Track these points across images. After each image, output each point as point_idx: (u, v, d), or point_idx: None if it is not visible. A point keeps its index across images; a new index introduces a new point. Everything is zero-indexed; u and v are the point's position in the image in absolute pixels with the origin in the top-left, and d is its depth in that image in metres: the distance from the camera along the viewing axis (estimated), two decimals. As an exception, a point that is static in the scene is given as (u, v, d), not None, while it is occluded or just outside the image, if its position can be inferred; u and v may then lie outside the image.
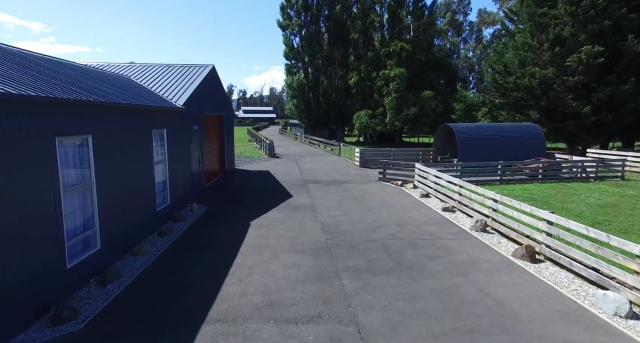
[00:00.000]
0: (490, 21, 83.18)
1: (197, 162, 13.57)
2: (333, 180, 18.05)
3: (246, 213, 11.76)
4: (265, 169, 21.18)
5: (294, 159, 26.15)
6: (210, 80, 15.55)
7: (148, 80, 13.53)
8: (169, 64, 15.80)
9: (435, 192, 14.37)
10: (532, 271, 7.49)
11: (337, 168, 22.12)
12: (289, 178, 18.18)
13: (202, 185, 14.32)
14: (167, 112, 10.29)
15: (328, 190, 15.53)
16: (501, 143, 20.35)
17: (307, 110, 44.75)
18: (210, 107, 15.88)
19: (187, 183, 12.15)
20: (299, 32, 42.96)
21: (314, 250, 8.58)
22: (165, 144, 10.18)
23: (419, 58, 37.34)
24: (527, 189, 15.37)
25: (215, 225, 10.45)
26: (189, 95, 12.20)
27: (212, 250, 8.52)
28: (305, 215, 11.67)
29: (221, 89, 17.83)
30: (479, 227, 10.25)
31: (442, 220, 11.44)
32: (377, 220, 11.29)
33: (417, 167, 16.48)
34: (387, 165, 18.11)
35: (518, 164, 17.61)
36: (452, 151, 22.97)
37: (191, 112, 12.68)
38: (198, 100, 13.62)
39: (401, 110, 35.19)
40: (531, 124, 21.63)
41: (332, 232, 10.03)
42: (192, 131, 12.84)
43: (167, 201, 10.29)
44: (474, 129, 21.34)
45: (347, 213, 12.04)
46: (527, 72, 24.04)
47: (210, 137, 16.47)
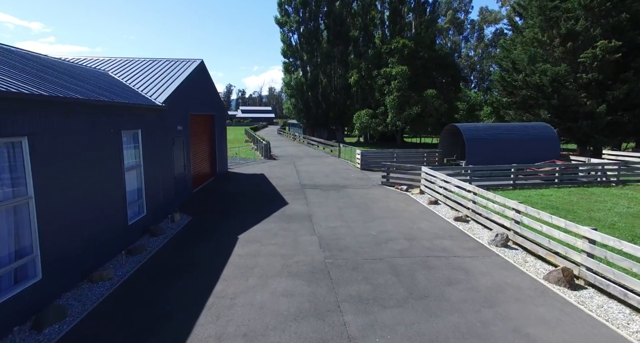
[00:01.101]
0: (492, 19, 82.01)
1: (181, 165, 12.25)
2: (332, 184, 16.74)
3: (235, 224, 10.45)
4: (260, 172, 19.87)
5: (291, 161, 24.84)
6: (198, 77, 14.24)
7: (128, 75, 12.23)
8: (154, 59, 14.48)
9: (445, 198, 13.07)
10: (574, 301, 6.18)
11: (336, 171, 20.82)
12: (285, 183, 16.87)
13: (188, 191, 13.01)
14: (142, 110, 8.98)
15: (327, 196, 14.22)
16: (512, 144, 19.08)
17: (306, 109, 43.43)
18: (199, 106, 14.57)
19: (169, 190, 10.83)
20: (297, 29, 41.65)
21: (310, 273, 7.27)
22: (141, 146, 8.87)
23: (422, 55, 36.06)
24: (544, 195, 14.07)
25: (197, 240, 9.12)
26: (171, 92, 10.89)
27: (189, 273, 7.20)
28: (302, 226, 10.36)
29: (211, 86, 16.53)
30: (499, 242, 8.95)
31: (455, 232, 10.14)
32: (382, 232, 9.99)
33: (423, 170, 15.19)
34: (390, 169, 16.81)
35: (533, 167, 16.31)
36: (458, 153, 21.69)
37: (174, 111, 11.37)
38: (183, 98, 12.32)
39: (403, 109, 33.90)
40: (543, 124, 20.34)
41: (332, 248, 8.72)
42: (175, 132, 11.53)
43: (142, 212, 8.98)
44: (483, 129, 20.05)
45: (349, 224, 10.73)
46: (538, 69, 22.77)
47: (199, 137, 15.16)
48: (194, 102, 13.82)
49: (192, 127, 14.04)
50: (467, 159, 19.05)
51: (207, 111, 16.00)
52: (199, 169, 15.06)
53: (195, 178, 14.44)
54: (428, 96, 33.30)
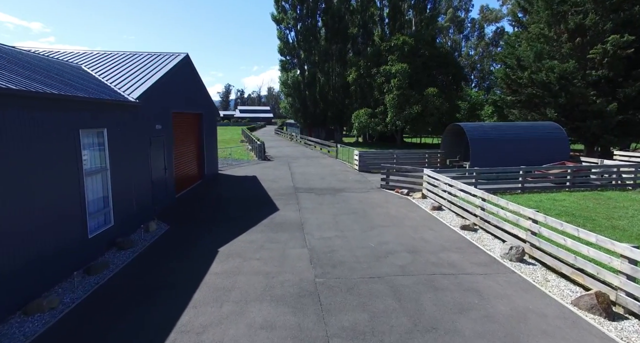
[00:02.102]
0: (493, 18, 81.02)
1: (161, 168, 11.16)
2: (328, 187, 15.66)
3: (217, 234, 9.36)
4: (252, 174, 18.78)
5: (286, 162, 23.75)
6: (182, 72, 13.15)
7: (103, 69, 11.14)
8: (135, 52, 13.39)
9: (450, 204, 12.01)
10: (615, 335, 5.11)
11: (333, 172, 19.74)
12: (278, 186, 15.78)
13: (169, 196, 11.92)
14: (109, 106, 7.89)
15: (322, 201, 13.15)
16: (518, 145, 18.01)
17: (303, 109, 42.35)
18: (183, 103, 13.48)
19: (145, 196, 9.74)
20: (294, 26, 40.56)
21: (297, 297, 6.19)
22: (107, 147, 7.78)
23: (422, 53, 34.99)
24: (556, 200, 13.00)
25: (171, 254, 8.03)
26: (147, 88, 9.80)
27: (152, 298, 6.10)
28: (291, 237, 9.28)
29: (199, 82, 15.44)
30: (514, 256, 7.88)
31: (463, 243, 9.07)
32: (382, 243, 8.91)
33: (426, 173, 14.12)
34: (390, 171, 15.73)
35: (542, 169, 15.25)
36: (462, 154, 20.63)
37: (152, 108, 10.29)
38: (163, 94, 11.23)
39: (403, 108, 32.83)
40: (552, 124, 19.29)
41: (324, 263, 7.64)
42: (153, 131, 10.44)
43: (109, 222, 7.89)
44: (488, 128, 18.99)
45: (344, 233, 9.65)
46: (544, 65, 21.71)
47: (184, 137, 14.07)
48: (177, 99, 12.73)
49: (176, 126, 12.95)
50: (471, 161, 17.98)
51: (194, 109, 14.91)
52: (184, 172, 13.97)
53: (180, 181, 13.35)
54: (429, 95, 32.24)
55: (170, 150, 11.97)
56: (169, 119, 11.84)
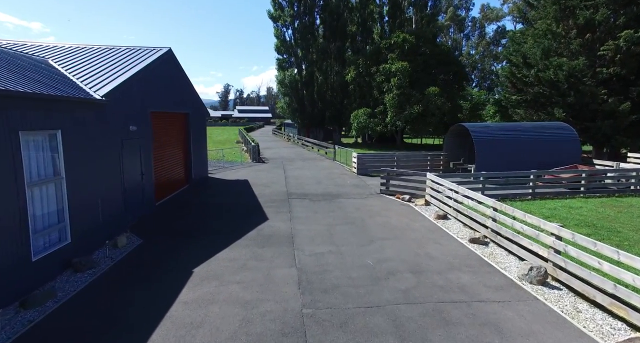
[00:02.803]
0: (494, 17, 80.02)
1: (137, 173, 10.07)
2: (324, 193, 14.56)
3: (195, 250, 8.26)
4: (244, 178, 17.69)
5: (281, 164, 22.65)
6: (163, 68, 12.06)
7: (72, 64, 10.04)
8: (112, 47, 12.30)
9: (456, 212, 10.92)
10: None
11: (330, 176, 18.65)
12: (270, 191, 14.68)
13: (148, 204, 10.82)
14: (64, 104, 6.78)
15: (316, 209, 12.05)
16: (527, 147, 16.93)
17: (301, 108, 41.25)
18: (165, 102, 12.39)
19: (114, 206, 8.64)
20: (292, 23, 39.46)
21: (279, 335, 5.09)
22: (62, 152, 6.67)
23: (423, 51, 33.89)
24: (572, 207, 11.92)
25: (137, 276, 6.91)
26: (117, 84, 8.70)
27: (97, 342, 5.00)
28: (279, 253, 8.18)
29: (184, 80, 14.34)
30: (534, 277, 6.78)
31: (473, 259, 7.98)
32: (382, 261, 7.82)
33: (429, 177, 13.04)
34: (391, 175, 14.64)
35: (554, 174, 14.17)
36: (466, 156, 19.55)
37: (124, 107, 9.19)
38: (139, 92, 10.14)
39: (403, 108, 31.73)
40: (562, 124, 18.21)
41: (315, 287, 6.55)
42: (126, 133, 9.34)
43: (64, 239, 6.79)
44: (494, 129, 17.91)
45: (339, 248, 8.56)
46: (552, 63, 20.62)
47: (168, 139, 12.98)
48: (158, 97, 11.64)
49: (157, 127, 11.86)
50: (476, 163, 16.90)
51: (179, 109, 13.82)
52: (166, 176, 12.87)
53: (161, 187, 12.25)
54: (430, 94, 31.14)
55: (149, 154, 10.87)
56: (147, 119, 10.75)
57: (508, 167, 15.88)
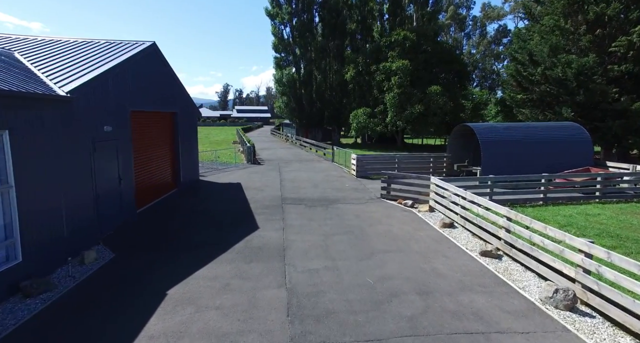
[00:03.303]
0: (495, 16, 79.17)
1: (113, 178, 9.14)
2: (321, 197, 13.64)
3: (174, 266, 7.33)
4: (237, 181, 16.76)
5: (277, 166, 21.73)
6: (146, 64, 11.13)
7: (41, 58, 9.11)
8: (90, 40, 11.36)
9: (464, 220, 10.01)
10: None
11: (328, 179, 17.72)
12: (263, 196, 13.76)
13: (127, 211, 9.89)
14: (14, 100, 5.85)
15: (312, 216, 11.13)
16: (536, 148, 16.03)
17: (299, 108, 40.32)
18: (149, 100, 11.47)
19: (82, 216, 7.72)
20: (290, 21, 38.53)
21: (258, 383, 4.17)
22: (9, 156, 5.74)
23: (425, 49, 32.96)
24: (589, 214, 11.00)
25: (101, 301, 5.97)
26: (87, 80, 7.78)
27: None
28: (268, 269, 7.25)
29: (171, 77, 13.40)
30: (560, 301, 5.86)
31: (487, 277, 7.07)
32: (384, 279, 6.91)
33: (433, 181, 12.14)
34: (392, 178, 13.71)
35: (569, 178, 13.26)
36: (471, 157, 18.65)
37: (97, 105, 8.27)
38: (116, 89, 9.21)
39: (404, 108, 30.82)
40: (573, 124, 17.31)
41: (306, 314, 5.63)
42: (99, 133, 8.41)
43: (13, 258, 5.86)
44: (501, 129, 17.00)
45: (336, 263, 7.64)
46: (560, 60, 19.70)
47: (152, 140, 12.06)
48: (140, 95, 10.71)
49: (138, 127, 10.94)
50: (482, 166, 15.99)
51: (165, 107, 12.89)
52: (151, 180, 11.95)
53: (144, 192, 11.33)
54: (431, 93, 30.22)
55: (129, 156, 9.94)
56: (127, 119, 9.82)
57: (516, 170, 15.00)
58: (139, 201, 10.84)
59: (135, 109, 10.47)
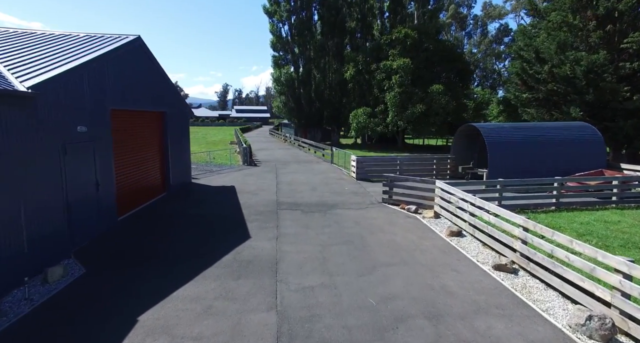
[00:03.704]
0: (496, 15, 78.37)
1: (91, 184, 8.32)
2: (319, 202, 12.82)
3: (150, 285, 6.51)
4: (231, 184, 15.94)
5: (274, 168, 20.91)
6: (130, 59, 10.31)
7: (9, 51, 8.28)
8: (68, 33, 10.52)
9: (473, 228, 9.21)
10: None
11: (327, 181, 16.91)
12: (258, 200, 12.94)
13: (107, 219, 9.07)
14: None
15: (308, 223, 10.32)
16: (546, 149, 15.22)
17: (297, 108, 39.50)
18: (134, 99, 10.65)
19: (50, 228, 6.90)
20: (288, 19, 37.72)
21: None
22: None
23: (426, 47, 32.14)
24: (608, 221, 10.19)
25: (57, 332, 5.11)
26: (55, 75, 6.96)
27: None
28: (257, 288, 6.43)
29: (160, 74, 12.58)
30: (596, 331, 5.06)
31: (504, 297, 6.26)
32: (387, 299, 6.10)
33: (438, 185, 11.33)
34: (394, 182, 12.89)
35: (583, 181, 12.46)
36: (476, 159, 17.83)
37: (67, 103, 7.45)
38: (93, 86, 8.39)
39: (405, 107, 30.01)
40: (584, 124, 16.51)
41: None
42: (71, 135, 7.59)
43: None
44: (509, 130, 16.19)
45: (334, 279, 6.83)
46: (569, 58, 18.89)
47: (137, 142, 11.24)
48: (123, 93, 9.89)
49: (122, 127, 10.13)
50: (489, 168, 15.19)
51: (152, 107, 12.08)
52: (135, 185, 11.12)
53: (128, 198, 10.51)
54: (433, 92, 29.41)
55: (108, 159, 9.12)
56: (106, 119, 9.00)
57: (524, 172, 14.21)
58: (122, 207, 10.02)
59: (117, 107, 9.65)
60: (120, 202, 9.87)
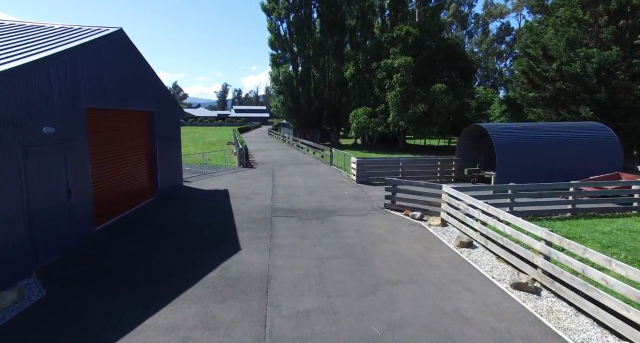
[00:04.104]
0: (498, 13, 77.52)
1: (61, 192, 7.47)
2: (317, 208, 11.97)
3: (118, 310, 5.64)
4: (224, 187, 15.08)
5: (271, 170, 20.05)
6: (109, 53, 9.44)
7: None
8: (43, 24, 9.66)
9: (485, 239, 8.37)
10: None
11: (325, 185, 16.05)
12: (251, 206, 12.08)
13: (80, 231, 8.21)
14: None
15: (305, 232, 9.46)
16: (557, 151, 14.38)
17: (296, 107, 38.63)
18: (115, 97, 9.79)
19: (6, 245, 6.02)
20: (287, 16, 36.85)
21: None
22: None
23: (429, 45, 31.28)
24: (633, 231, 9.34)
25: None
26: (11, 68, 6.09)
27: None
28: (244, 314, 5.57)
29: (145, 71, 11.71)
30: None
31: (529, 323, 5.41)
32: (394, 326, 5.25)
33: (445, 190, 10.47)
34: (397, 187, 12.03)
35: (603, 185, 11.61)
36: (482, 161, 16.98)
37: (31, 101, 6.58)
38: (64, 81, 7.54)
39: (407, 107, 29.16)
40: (597, 124, 15.66)
41: (287, 396, 3.95)
42: (35, 136, 6.73)
43: None
44: (517, 130, 15.34)
45: (332, 301, 5.97)
46: (579, 55, 18.05)
47: (119, 143, 10.38)
48: (102, 90, 9.03)
49: (100, 127, 9.28)
50: (497, 171, 14.35)
51: (137, 105, 11.22)
52: (118, 191, 10.26)
53: (108, 205, 9.65)
54: (436, 92, 28.56)
55: (84, 163, 8.26)
56: (80, 118, 8.14)
57: (534, 175, 13.42)
58: (100, 216, 9.16)
59: (95, 106, 8.79)
60: (99, 210, 9.01)
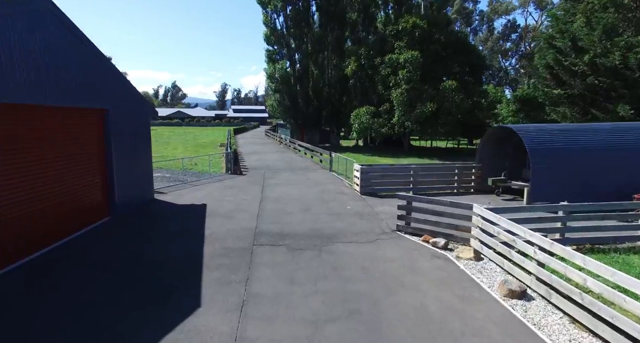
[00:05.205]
0: (503, 10, 74.97)
1: None
2: (313, 231, 9.49)
3: None
4: (203, 201, 12.59)
5: (262, 178, 17.56)
6: (28, 31, 6.97)
7: None
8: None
9: (546, 288, 5.92)
10: None
11: (324, 197, 13.57)
12: (230, 228, 9.61)
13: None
14: None
15: (295, 273, 6.99)
16: (602, 159, 11.90)
17: (294, 107, 36.15)
18: (44, 90, 7.35)
19: None
20: (283, 9, 34.39)
21: None
22: None
23: (437, 38, 28.79)
24: None
25: None
26: None
27: None
28: None
29: (95, 58, 9.23)
30: None
31: None
32: None
33: (477, 212, 7.99)
34: (412, 204, 9.53)
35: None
36: (507, 169, 14.51)
37: None
38: None
39: (414, 106, 26.67)
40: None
41: None
42: None
43: None
44: (554, 132, 12.85)
45: None
46: (619, 44, 15.56)
47: (54, 150, 7.91)
48: (15, 81, 6.55)
49: (18, 130, 6.81)
50: (532, 182, 11.88)
51: (83, 102, 8.77)
52: (48, 213, 7.80)
53: (29, 234, 7.19)
54: (446, 89, 26.07)
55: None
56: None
57: (577, 189, 11.00)
58: (9, 252, 6.68)
59: (8, 101, 6.32)
60: (8, 243, 6.53)
